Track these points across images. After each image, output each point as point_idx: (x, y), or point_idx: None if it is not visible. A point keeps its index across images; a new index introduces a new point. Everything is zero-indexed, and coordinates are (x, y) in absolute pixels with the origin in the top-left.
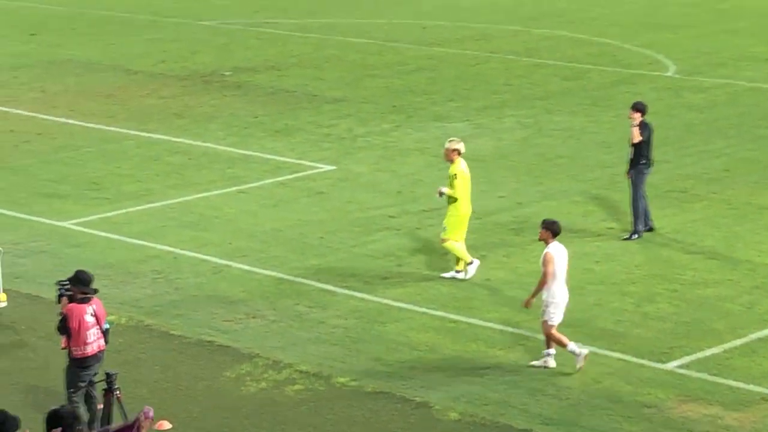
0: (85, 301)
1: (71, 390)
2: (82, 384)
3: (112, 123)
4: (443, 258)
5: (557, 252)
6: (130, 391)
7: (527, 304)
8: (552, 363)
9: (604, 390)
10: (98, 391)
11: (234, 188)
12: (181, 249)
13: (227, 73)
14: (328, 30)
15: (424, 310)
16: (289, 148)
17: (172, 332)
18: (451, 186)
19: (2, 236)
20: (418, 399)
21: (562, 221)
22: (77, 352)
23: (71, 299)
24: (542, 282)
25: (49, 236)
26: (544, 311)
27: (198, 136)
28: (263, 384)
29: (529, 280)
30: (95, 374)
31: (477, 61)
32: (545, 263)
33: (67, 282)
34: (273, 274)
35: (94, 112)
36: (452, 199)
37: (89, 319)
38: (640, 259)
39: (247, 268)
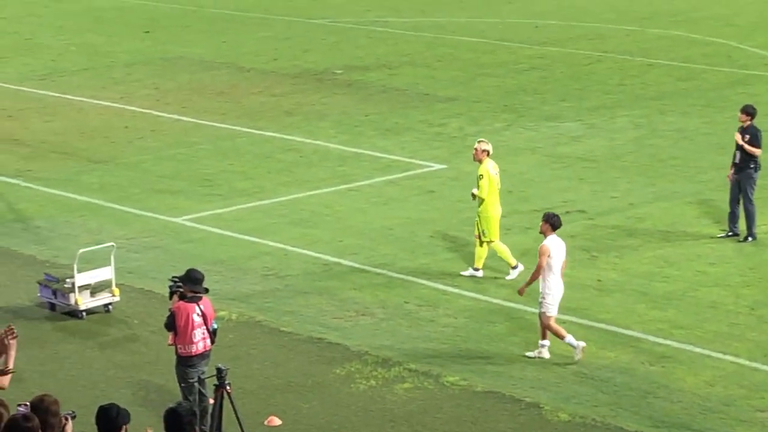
0: (195, 300)
1: (183, 386)
2: (191, 380)
3: (225, 120)
4: None
5: (554, 245)
6: (241, 387)
7: (521, 292)
8: (546, 354)
9: (716, 394)
10: (209, 387)
11: (344, 186)
12: (291, 246)
13: (339, 72)
14: (441, 29)
15: (534, 309)
16: (399, 146)
17: (282, 329)
18: (478, 186)
19: (116, 231)
20: (528, 399)
21: (675, 223)
22: (183, 350)
23: (181, 297)
24: (536, 272)
25: (162, 232)
26: (541, 303)
27: (309, 134)
28: (372, 382)
29: (640, 281)
30: (203, 372)
31: (590, 61)
32: (540, 254)
33: (179, 279)
34: (383, 272)
35: (207, 109)
36: (481, 200)
37: (196, 318)
38: (755, 261)
39: (356, 265)
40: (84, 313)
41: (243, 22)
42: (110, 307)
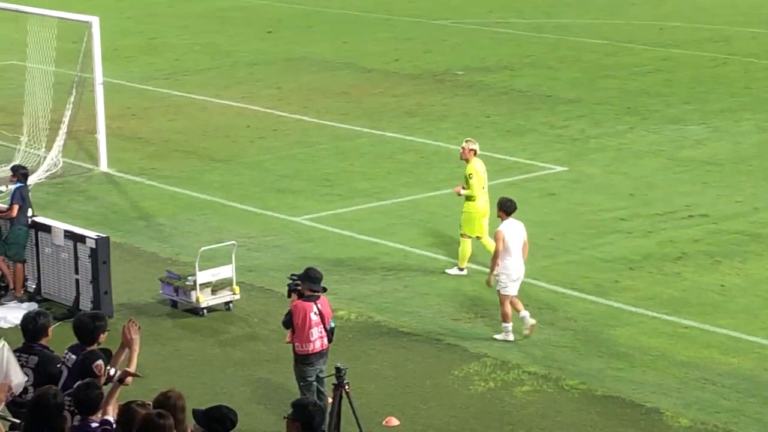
0: (312, 299)
1: (301, 384)
2: (309, 379)
3: (346, 120)
4: (676, 262)
5: (509, 229)
6: (359, 387)
7: (488, 283)
8: (510, 337)
9: None
10: (327, 386)
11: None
12: (410, 247)
13: (460, 73)
14: (563, 30)
15: (655, 314)
16: (520, 148)
17: (401, 329)
18: (467, 185)
19: (237, 230)
20: (648, 404)
21: None
22: (300, 349)
23: (300, 295)
24: (494, 258)
25: (282, 231)
26: (497, 281)
27: (430, 135)
28: (491, 384)
29: (764, 287)
30: (321, 371)
31: (715, 63)
32: (495, 240)
33: (298, 277)
34: None
35: (328, 110)
36: (469, 197)
37: (314, 317)
38: None
39: (476, 267)
40: (205, 311)
41: (365, 22)
42: (231, 305)
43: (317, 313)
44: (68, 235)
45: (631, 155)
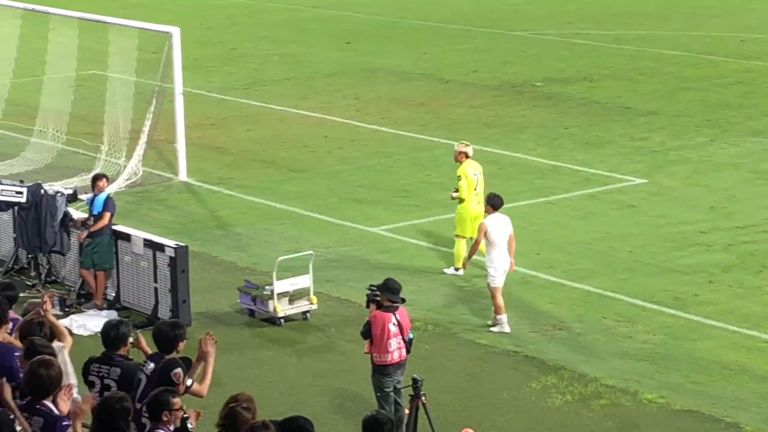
0: (391, 309)
1: (378, 395)
2: (387, 390)
3: (423, 131)
4: (757, 276)
5: (493, 223)
6: (436, 398)
7: (464, 265)
8: (507, 328)
9: None
10: (404, 397)
11: (543, 199)
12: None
13: (538, 84)
14: (643, 42)
15: (735, 328)
16: (599, 160)
17: (478, 341)
18: (458, 188)
19: (314, 240)
20: (727, 419)
21: None
22: (378, 359)
23: (378, 305)
24: (473, 246)
25: (359, 241)
26: (486, 274)
27: (508, 146)
28: (568, 396)
29: None
30: (399, 381)
31: None
32: (478, 231)
33: (377, 288)
34: (580, 286)
35: (406, 120)
36: (460, 200)
37: (392, 327)
38: None
39: (554, 279)
40: (282, 320)
41: (444, 33)
42: (308, 314)
43: (396, 323)
44: (148, 243)
45: (711, 168)
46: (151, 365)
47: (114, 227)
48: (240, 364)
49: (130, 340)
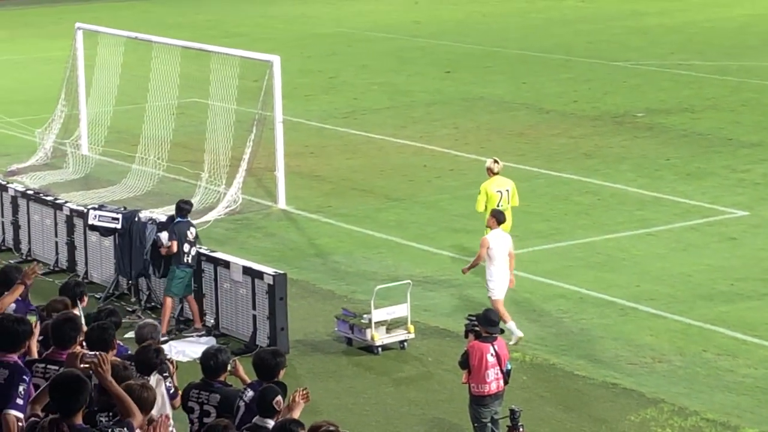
0: (489, 340)
1: (476, 425)
2: (485, 420)
3: (523, 161)
4: None
5: (495, 239)
6: (533, 429)
7: (464, 271)
8: (519, 332)
9: None
10: (502, 428)
11: (642, 230)
12: (587, 289)
13: (639, 114)
14: (747, 73)
15: None
16: (700, 191)
17: (576, 372)
18: (477, 201)
19: (412, 269)
20: None
21: None
22: (476, 390)
23: (477, 336)
24: (476, 259)
25: (457, 271)
26: (487, 288)
27: (607, 177)
28: (668, 430)
29: None
30: (496, 412)
31: None
32: (481, 246)
33: (475, 318)
34: (680, 319)
35: (505, 150)
36: (481, 213)
37: (490, 358)
38: None
39: (654, 311)
40: (380, 349)
41: (544, 63)
42: (405, 343)
43: (494, 354)
44: (247, 271)
45: None
46: (251, 393)
47: (203, 252)
48: (337, 392)
49: (229, 367)
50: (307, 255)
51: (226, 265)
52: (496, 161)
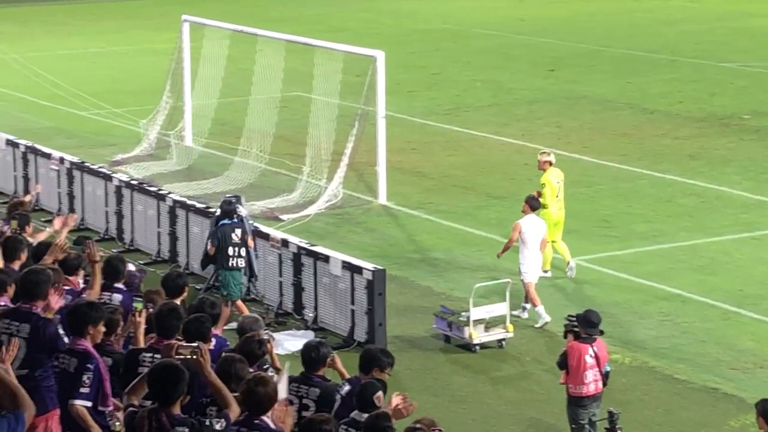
0: (589, 341)
1: (573, 426)
2: (582, 422)
3: (626, 161)
4: None
5: (528, 224)
6: None
7: (498, 256)
8: (546, 317)
9: None
10: (599, 430)
11: (747, 234)
12: (688, 292)
13: (746, 117)
14: None
15: None
16: None
17: (676, 376)
18: (542, 194)
19: (511, 267)
20: None
21: None
22: (573, 390)
23: (576, 336)
24: (507, 243)
25: (557, 270)
26: (519, 271)
27: (712, 179)
28: None
29: None
30: (594, 414)
31: None
32: (513, 230)
33: (575, 318)
34: None
35: (608, 150)
36: (544, 206)
37: (589, 359)
38: None
39: (756, 316)
40: (477, 347)
41: (650, 63)
42: (503, 342)
43: (593, 355)
44: (346, 265)
45: None
46: (348, 387)
47: (312, 248)
48: (434, 390)
49: (328, 361)
50: (407, 251)
51: (326, 259)
52: (549, 153)
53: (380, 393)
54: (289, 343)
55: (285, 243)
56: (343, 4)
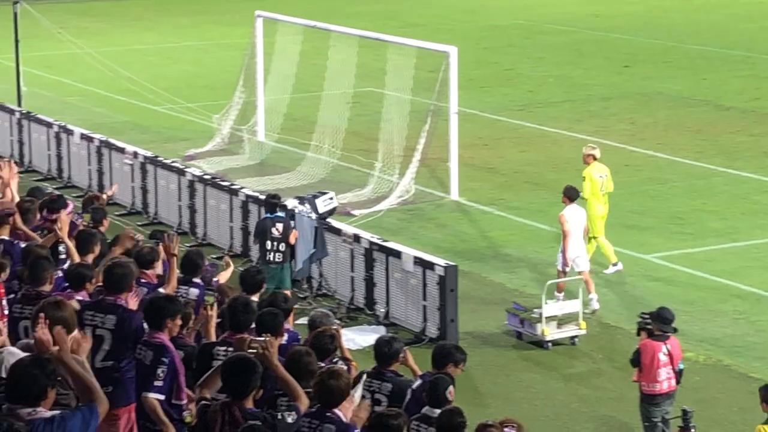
0: (662, 338)
1: (646, 424)
2: (655, 420)
3: (700, 158)
4: None
5: (571, 213)
6: (705, 431)
7: (566, 263)
8: (595, 305)
9: None
10: (672, 428)
11: None
12: (764, 290)
13: None
14: None
15: None
16: None
17: (751, 375)
18: (582, 187)
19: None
20: None
21: None
22: (646, 388)
23: (649, 334)
24: (564, 239)
25: (631, 268)
26: (557, 259)
27: None
28: None
29: None
30: (667, 412)
31: None
32: (561, 222)
33: (649, 316)
34: None
35: (683, 147)
36: (585, 200)
37: (662, 357)
38: None
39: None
40: (550, 344)
41: (725, 59)
42: (576, 339)
43: (666, 353)
44: (418, 261)
45: None
46: (419, 382)
47: (384, 244)
48: (506, 386)
49: (400, 356)
50: (479, 247)
51: (398, 255)
52: (594, 147)
53: (452, 387)
54: (360, 338)
55: (357, 238)
56: (415, 0)
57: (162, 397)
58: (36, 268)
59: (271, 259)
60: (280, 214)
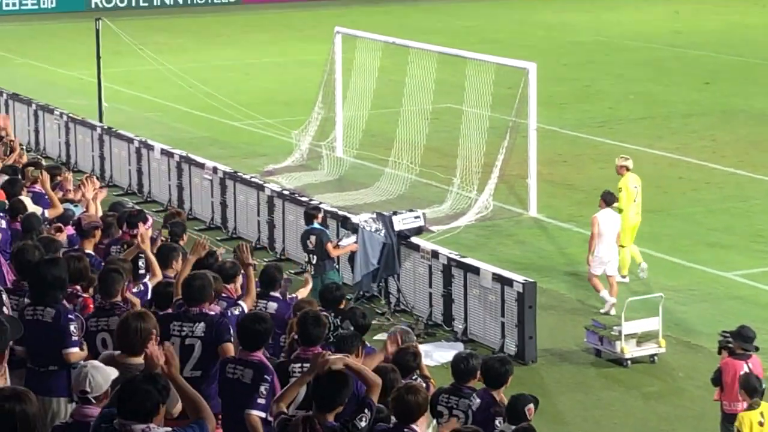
0: (744, 357)
1: None
2: None
3: None
4: None
5: (604, 217)
6: None
7: (588, 262)
8: (611, 300)
9: None
10: None
11: None
12: None
13: None
14: None
15: None
16: None
17: None
18: (618, 199)
19: (664, 282)
20: None
21: None
22: (728, 408)
23: (731, 353)
24: (591, 240)
25: (711, 285)
26: (587, 261)
27: None
28: None
29: None
30: None
31: None
32: (591, 225)
33: (730, 334)
34: None
35: (764, 164)
36: (619, 210)
37: None
38: None
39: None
40: (629, 362)
41: None
42: (656, 357)
43: (750, 372)
44: (496, 278)
45: None
46: (478, 401)
47: (463, 260)
48: (585, 404)
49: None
50: (557, 264)
51: (476, 271)
52: (627, 158)
53: (531, 406)
54: (438, 354)
55: (435, 254)
56: (495, 16)
57: (264, 414)
58: (107, 281)
59: (312, 270)
60: (316, 225)
